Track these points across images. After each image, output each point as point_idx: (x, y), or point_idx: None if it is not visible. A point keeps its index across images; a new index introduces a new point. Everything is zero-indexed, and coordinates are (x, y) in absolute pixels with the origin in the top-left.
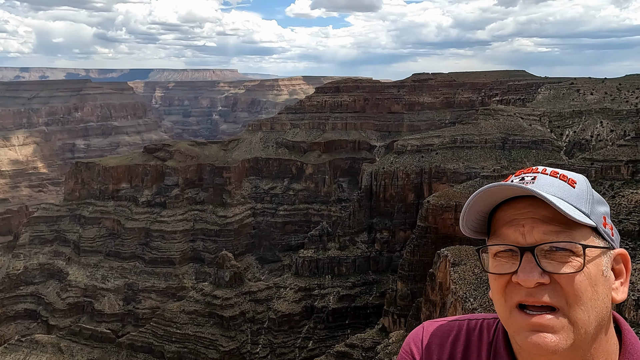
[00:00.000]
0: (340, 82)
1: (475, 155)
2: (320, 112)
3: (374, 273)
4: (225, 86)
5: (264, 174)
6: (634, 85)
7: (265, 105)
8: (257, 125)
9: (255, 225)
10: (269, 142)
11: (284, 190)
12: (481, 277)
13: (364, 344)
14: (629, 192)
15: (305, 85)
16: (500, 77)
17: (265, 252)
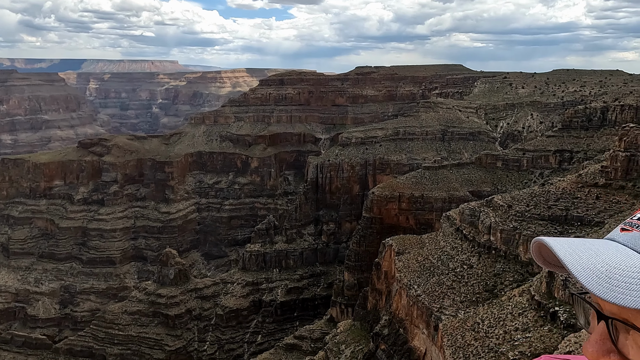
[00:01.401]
0: (285, 74)
1: (417, 146)
2: (265, 105)
3: (321, 265)
4: (166, 78)
5: (208, 168)
6: (560, 80)
7: (207, 98)
8: (200, 118)
9: (200, 221)
10: (213, 136)
11: (229, 185)
12: (424, 265)
13: (312, 335)
14: (556, 180)
15: (249, 78)
16: (439, 71)
17: (211, 247)
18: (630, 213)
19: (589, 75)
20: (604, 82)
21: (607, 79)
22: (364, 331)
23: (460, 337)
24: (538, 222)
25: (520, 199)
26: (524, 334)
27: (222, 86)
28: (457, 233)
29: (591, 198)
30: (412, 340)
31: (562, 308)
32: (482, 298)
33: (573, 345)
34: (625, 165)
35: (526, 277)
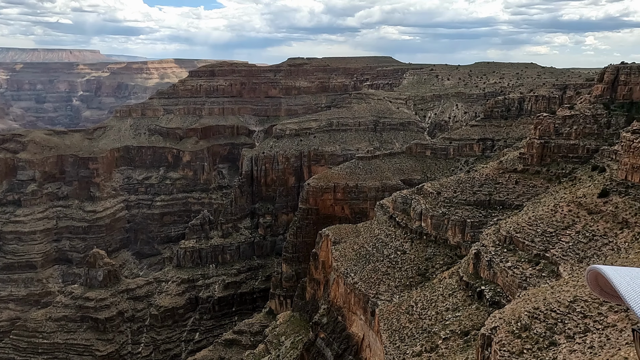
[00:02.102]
0: (216, 65)
1: (350, 137)
2: (196, 97)
3: (258, 258)
4: (86, 68)
5: (137, 164)
6: (482, 72)
7: (134, 89)
8: (127, 111)
9: (129, 219)
10: (141, 129)
11: (160, 180)
12: (360, 253)
13: (252, 329)
14: (480, 167)
15: (178, 69)
16: (369, 62)
17: (142, 246)
18: (545, 196)
19: (507, 68)
20: (520, 74)
21: (522, 71)
22: (304, 321)
23: (396, 321)
24: (465, 207)
25: (448, 186)
26: (454, 314)
27: (149, 77)
28: (390, 221)
29: (511, 183)
30: (350, 326)
31: (488, 287)
32: (415, 282)
33: (498, 321)
34: (540, 151)
35: (455, 260)
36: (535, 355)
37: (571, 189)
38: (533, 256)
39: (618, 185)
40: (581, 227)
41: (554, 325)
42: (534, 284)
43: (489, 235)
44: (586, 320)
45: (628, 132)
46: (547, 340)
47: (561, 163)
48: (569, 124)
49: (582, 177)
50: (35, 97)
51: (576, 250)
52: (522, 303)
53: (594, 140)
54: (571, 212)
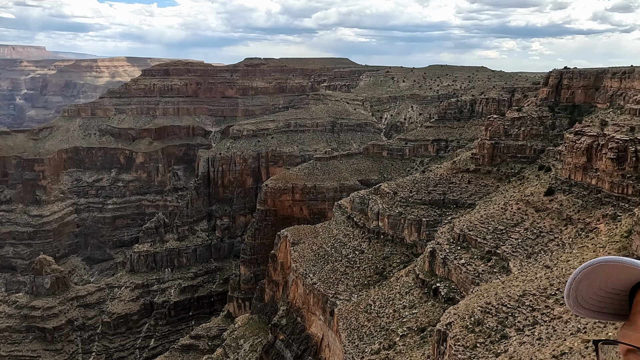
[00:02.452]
0: (170, 64)
1: (308, 138)
2: (149, 97)
3: (216, 261)
4: (31, 66)
5: (87, 165)
6: (435, 75)
7: (83, 88)
8: (75, 111)
9: (79, 223)
10: (91, 130)
11: (111, 182)
12: (318, 254)
13: (209, 333)
14: (435, 167)
15: (130, 67)
16: (327, 64)
17: (93, 251)
18: (495, 194)
19: (459, 71)
20: (471, 77)
21: (474, 74)
22: (263, 323)
23: (355, 320)
24: (420, 206)
25: (404, 186)
26: (411, 311)
27: (99, 76)
28: (348, 221)
29: (464, 182)
30: (309, 327)
31: (443, 284)
32: (373, 281)
33: (452, 317)
34: (491, 152)
35: (411, 258)
36: (488, 349)
37: (520, 188)
38: (485, 253)
39: (562, 183)
40: (529, 224)
41: (505, 319)
42: (486, 279)
43: (443, 234)
44: (534, 313)
45: (571, 134)
46: (498, 334)
47: (510, 163)
48: (517, 125)
49: (529, 176)
50: None
51: (525, 246)
52: (475, 298)
53: (540, 141)
54: (520, 210)
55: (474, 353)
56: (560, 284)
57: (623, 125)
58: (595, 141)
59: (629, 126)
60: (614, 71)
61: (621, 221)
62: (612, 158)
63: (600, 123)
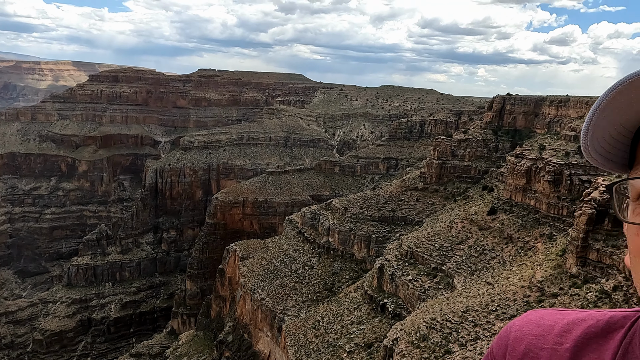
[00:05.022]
0: (120, 71)
1: (260, 152)
2: (96, 103)
3: (160, 275)
4: None
5: (24, 172)
6: (387, 95)
7: (23, 91)
8: (14, 114)
9: (12, 233)
10: (30, 135)
11: (51, 191)
12: (268, 269)
13: (151, 351)
14: (385, 184)
15: (76, 72)
16: (282, 79)
17: (27, 263)
18: (442, 212)
19: (410, 92)
20: (421, 98)
21: (424, 96)
22: (208, 340)
23: (302, 336)
24: (370, 222)
25: (355, 202)
26: (359, 327)
27: (41, 78)
28: (299, 236)
29: (412, 200)
30: (256, 344)
31: (390, 300)
32: (322, 296)
33: (399, 332)
34: (438, 171)
35: (360, 274)
36: None
37: (465, 207)
38: (431, 269)
39: (504, 203)
40: (473, 242)
41: (449, 334)
42: (431, 295)
43: (392, 250)
44: (477, 329)
45: (512, 156)
46: (442, 349)
47: (456, 182)
48: (463, 146)
49: (474, 195)
50: None
51: (468, 263)
52: (421, 314)
53: (484, 162)
54: (465, 228)
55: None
56: (501, 300)
57: (559, 150)
58: (534, 164)
59: (565, 151)
60: (551, 99)
61: (557, 240)
62: (549, 181)
63: (539, 147)
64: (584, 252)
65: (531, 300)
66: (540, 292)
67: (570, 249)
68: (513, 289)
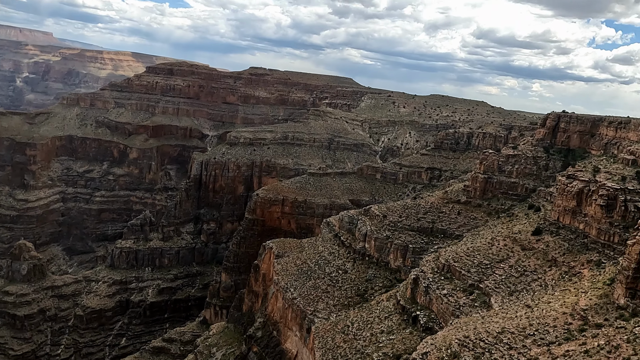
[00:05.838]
0: (175, 64)
1: (304, 152)
2: (150, 94)
3: (198, 265)
4: (36, 50)
5: (79, 155)
6: (436, 104)
7: (85, 78)
8: (75, 99)
9: (64, 212)
10: (88, 120)
11: (102, 175)
12: (302, 269)
13: (183, 338)
14: (427, 195)
15: (135, 63)
16: (330, 81)
17: (75, 241)
18: (484, 228)
19: (459, 103)
20: (471, 110)
21: (474, 108)
22: (237, 333)
23: (331, 340)
24: (408, 232)
25: (394, 210)
26: (388, 336)
27: (102, 67)
28: (335, 239)
29: (454, 213)
30: (284, 342)
31: (423, 312)
32: (353, 302)
33: (429, 346)
34: (483, 186)
35: (394, 283)
36: None
37: (508, 225)
38: (468, 286)
39: (550, 225)
40: (514, 262)
41: (482, 354)
42: (466, 312)
43: (428, 262)
44: (511, 352)
45: (563, 177)
46: None
47: (501, 199)
48: (511, 162)
49: (519, 214)
50: None
51: (508, 283)
52: (454, 331)
53: (533, 181)
54: (506, 246)
55: None
56: (540, 325)
57: (615, 173)
58: (587, 186)
59: (621, 175)
60: (610, 120)
61: (605, 268)
62: (601, 205)
63: (592, 169)
64: (635, 283)
65: (572, 328)
66: (582, 320)
67: (619, 278)
68: (554, 314)
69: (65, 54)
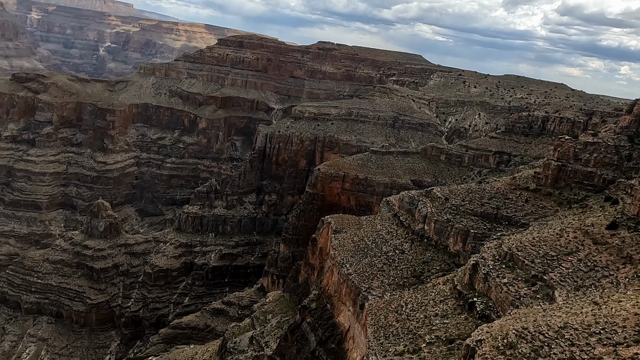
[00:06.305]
0: (245, 37)
1: (367, 129)
2: (221, 66)
3: (258, 234)
4: (117, 21)
5: (153, 123)
6: (510, 85)
7: (161, 48)
8: (151, 69)
9: (138, 176)
10: (162, 89)
11: (173, 142)
12: (359, 246)
13: (241, 302)
14: (493, 179)
15: (207, 35)
16: (399, 58)
17: (146, 204)
18: (553, 218)
19: (536, 85)
20: (548, 92)
21: (552, 90)
22: (292, 303)
23: (384, 318)
24: (470, 217)
25: (457, 193)
26: (442, 320)
27: (177, 38)
28: (394, 218)
29: (521, 200)
30: (337, 316)
31: (480, 299)
32: (409, 283)
33: (485, 334)
34: (556, 174)
35: (452, 268)
36: None
37: (580, 216)
38: (530, 276)
39: (629, 219)
40: (584, 256)
41: (540, 347)
42: (526, 304)
43: (490, 249)
44: (573, 349)
45: None
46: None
47: (575, 189)
48: (589, 150)
49: (593, 205)
50: (64, 41)
51: (575, 277)
52: (512, 321)
53: (612, 171)
54: (576, 239)
55: None
56: (607, 324)
57: None
58: None
59: None
60: None
61: None
62: None
63: None
64: None
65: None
66: None
67: None
68: (624, 314)
69: (143, 25)
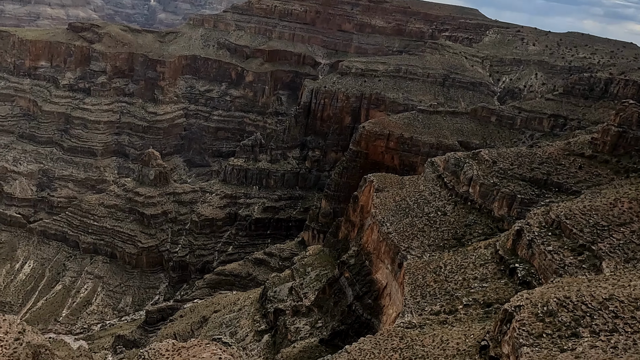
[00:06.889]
0: None
1: (415, 87)
2: (268, 18)
3: (300, 189)
4: None
5: (201, 75)
6: (573, 43)
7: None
8: (200, 20)
9: (186, 127)
10: (210, 41)
11: (220, 95)
12: (400, 205)
13: (282, 254)
14: (545, 144)
15: None
16: (453, 12)
17: (194, 155)
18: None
19: (601, 44)
20: (615, 52)
21: (619, 50)
22: (332, 258)
23: (421, 277)
24: (518, 181)
25: (506, 157)
26: (481, 284)
27: None
28: (438, 180)
29: (574, 167)
30: (375, 273)
31: (522, 266)
32: (449, 245)
33: (524, 300)
34: (615, 140)
35: (495, 232)
36: (554, 342)
37: (638, 186)
38: (578, 246)
39: None
40: (638, 227)
41: (581, 317)
42: (571, 273)
43: (536, 215)
44: (616, 321)
45: None
46: (569, 330)
47: (635, 157)
48: None
49: None
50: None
51: (626, 249)
52: (554, 289)
53: None
54: (631, 209)
55: (537, 342)
56: None
57: None
58: None
59: None
60: None
61: None
62: None
63: None
64: None
65: None
66: None
67: None
68: None
69: None
